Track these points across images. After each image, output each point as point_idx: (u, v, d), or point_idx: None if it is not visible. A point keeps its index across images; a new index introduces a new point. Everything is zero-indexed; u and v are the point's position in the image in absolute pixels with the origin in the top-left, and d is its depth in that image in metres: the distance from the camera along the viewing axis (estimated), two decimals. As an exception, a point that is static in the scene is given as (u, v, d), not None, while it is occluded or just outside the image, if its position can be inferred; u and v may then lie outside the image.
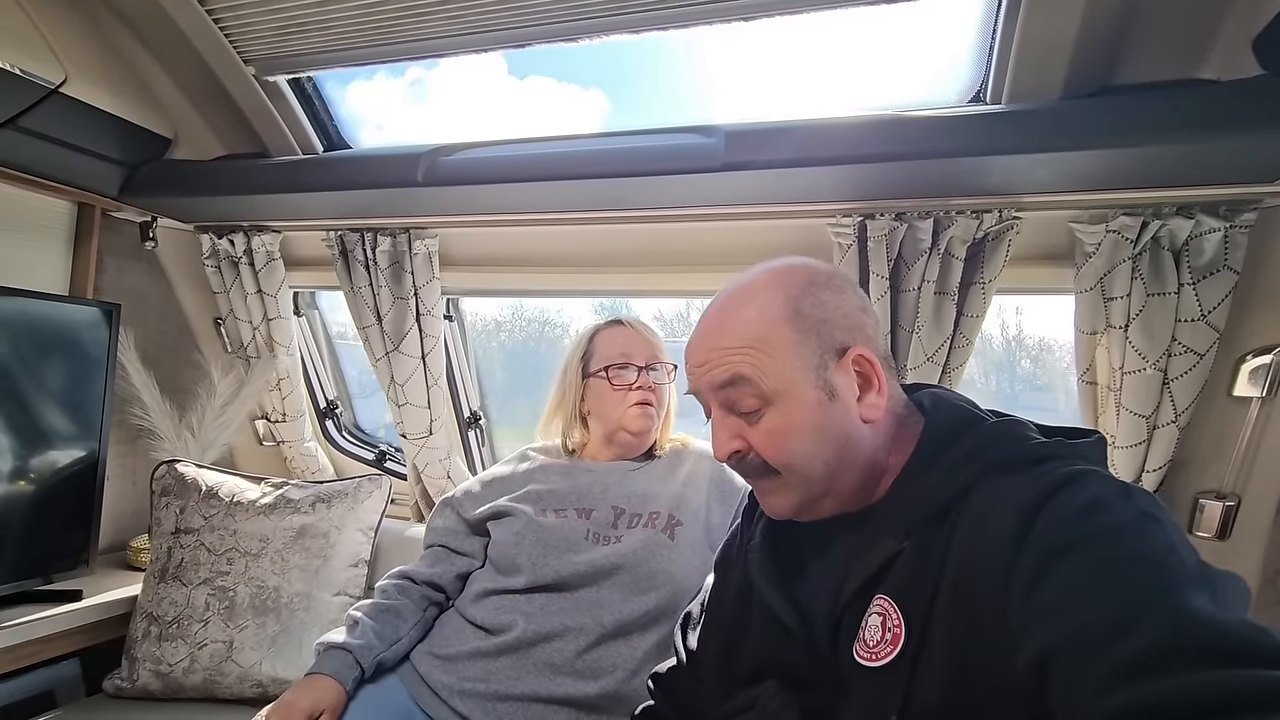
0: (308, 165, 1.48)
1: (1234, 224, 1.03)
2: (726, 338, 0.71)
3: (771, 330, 0.70)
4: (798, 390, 0.69)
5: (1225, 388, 1.11)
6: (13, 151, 1.39)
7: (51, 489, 1.46)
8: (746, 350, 0.70)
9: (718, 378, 0.71)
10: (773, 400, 0.69)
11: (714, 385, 0.72)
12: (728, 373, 0.70)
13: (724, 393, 0.71)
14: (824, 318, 0.70)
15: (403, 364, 1.61)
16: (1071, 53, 0.96)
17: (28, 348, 1.42)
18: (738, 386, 0.70)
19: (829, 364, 0.69)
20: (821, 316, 0.70)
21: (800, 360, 0.69)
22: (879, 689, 0.61)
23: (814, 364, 0.69)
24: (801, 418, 0.68)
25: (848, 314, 0.72)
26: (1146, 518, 0.54)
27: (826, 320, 0.70)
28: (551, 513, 1.20)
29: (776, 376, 0.69)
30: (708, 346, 0.73)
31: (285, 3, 1.21)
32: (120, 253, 1.75)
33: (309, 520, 1.48)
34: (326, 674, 1.06)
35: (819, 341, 0.70)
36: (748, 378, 0.69)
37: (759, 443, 0.70)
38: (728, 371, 0.70)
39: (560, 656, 1.05)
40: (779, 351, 0.69)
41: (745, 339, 0.70)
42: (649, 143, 1.21)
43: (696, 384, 0.75)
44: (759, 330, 0.70)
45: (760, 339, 0.70)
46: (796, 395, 0.69)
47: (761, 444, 0.70)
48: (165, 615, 1.40)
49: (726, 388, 0.71)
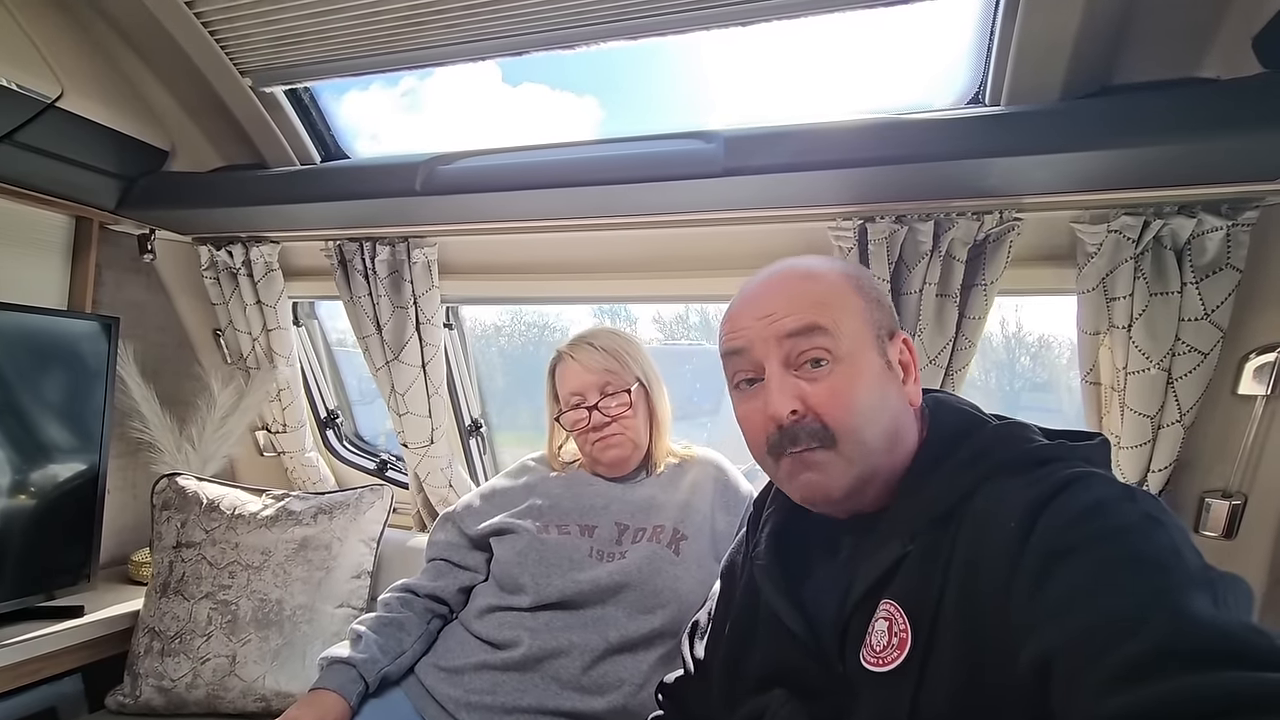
0: (305, 176, 1.48)
1: (1236, 222, 1.03)
2: (801, 291, 0.71)
3: (846, 294, 0.71)
4: (866, 352, 0.69)
5: (1230, 386, 1.10)
6: (9, 166, 1.39)
7: (52, 504, 1.45)
8: (822, 303, 0.69)
9: (788, 325, 0.69)
10: (842, 358, 0.68)
11: (782, 333, 0.69)
12: (802, 321, 0.68)
13: (793, 341, 0.69)
14: (878, 298, 0.74)
15: (403, 373, 1.60)
16: (1071, 53, 0.96)
17: (27, 362, 1.41)
18: (811, 336, 0.68)
19: (885, 339, 0.71)
20: (877, 296, 0.74)
21: (869, 326, 0.70)
22: (887, 694, 0.61)
23: (876, 333, 0.71)
24: (868, 380, 0.68)
25: (891, 305, 0.76)
26: (1150, 519, 0.54)
27: (880, 301, 0.74)
28: (554, 529, 1.19)
29: (850, 335, 0.69)
30: (778, 298, 0.71)
31: (281, 14, 1.21)
32: (118, 266, 1.74)
33: (311, 532, 1.47)
34: (330, 689, 1.05)
35: (881, 315, 0.72)
36: (824, 327, 0.68)
37: (822, 401, 0.67)
38: (802, 320, 0.68)
39: (566, 672, 1.04)
40: (851, 312, 0.70)
41: (821, 293, 0.70)
42: (648, 149, 1.21)
43: (757, 335, 0.70)
44: (834, 289, 0.71)
45: (836, 296, 0.70)
46: (863, 357, 0.69)
47: (825, 402, 0.67)
48: (167, 630, 1.39)
49: (797, 336, 0.68)
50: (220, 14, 1.24)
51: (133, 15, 1.28)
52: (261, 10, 1.21)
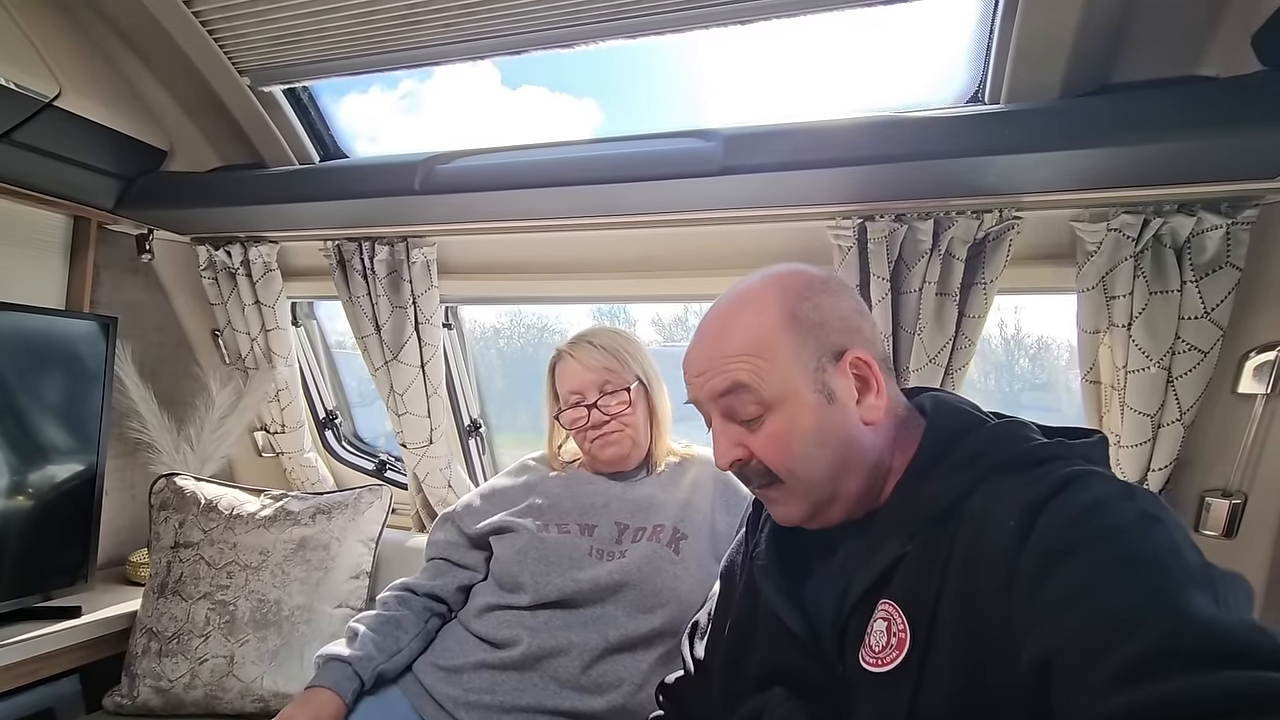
0: (304, 175, 1.48)
1: (1236, 220, 1.03)
2: (725, 346, 0.72)
3: (769, 336, 0.70)
4: (797, 395, 0.69)
5: (1230, 385, 1.10)
6: (7, 166, 1.38)
7: (50, 504, 1.45)
8: (745, 358, 0.70)
9: (717, 386, 0.71)
10: (773, 406, 0.69)
11: (714, 394, 0.72)
12: (727, 380, 0.70)
13: (724, 401, 0.72)
14: (820, 320, 0.71)
15: (402, 373, 1.60)
16: (1070, 51, 0.96)
17: (24, 362, 1.41)
18: (738, 394, 0.70)
19: (826, 367, 0.70)
20: (818, 320, 0.71)
21: (799, 364, 0.69)
22: (886, 694, 0.61)
23: (812, 367, 0.69)
24: (802, 422, 0.68)
25: (844, 317, 0.72)
26: (1149, 518, 0.54)
27: (823, 324, 0.71)
28: (554, 528, 1.18)
29: (776, 382, 0.69)
30: (707, 355, 0.73)
31: (279, 13, 1.21)
32: (117, 265, 1.74)
33: (309, 532, 1.47)
34: (325, 687, 1.05)
35: (816, 345, 0.70)
36: (747, 385, 0.69)
37: (761, 449, 0.71)
38: (727, 379, 0.70)
39: (566, 672, 1.04)
40: (777, 357, 0.69)
41: (743, 346, 0.70)
42: (647, 148, 1.21)
43: (696, 394, 0.75)
44: (757, 336, 0.70)
45: (758, 345, 0.70)
46: (796, 400, 0.69)
47: (763, 450, 0.70)
48: (165, 630, 1.38)
49: (727, 395, 0.71)
50: (218, 13, 1.24)
51: (131, 14, 1.28)
52: (259, 9, 1.21)
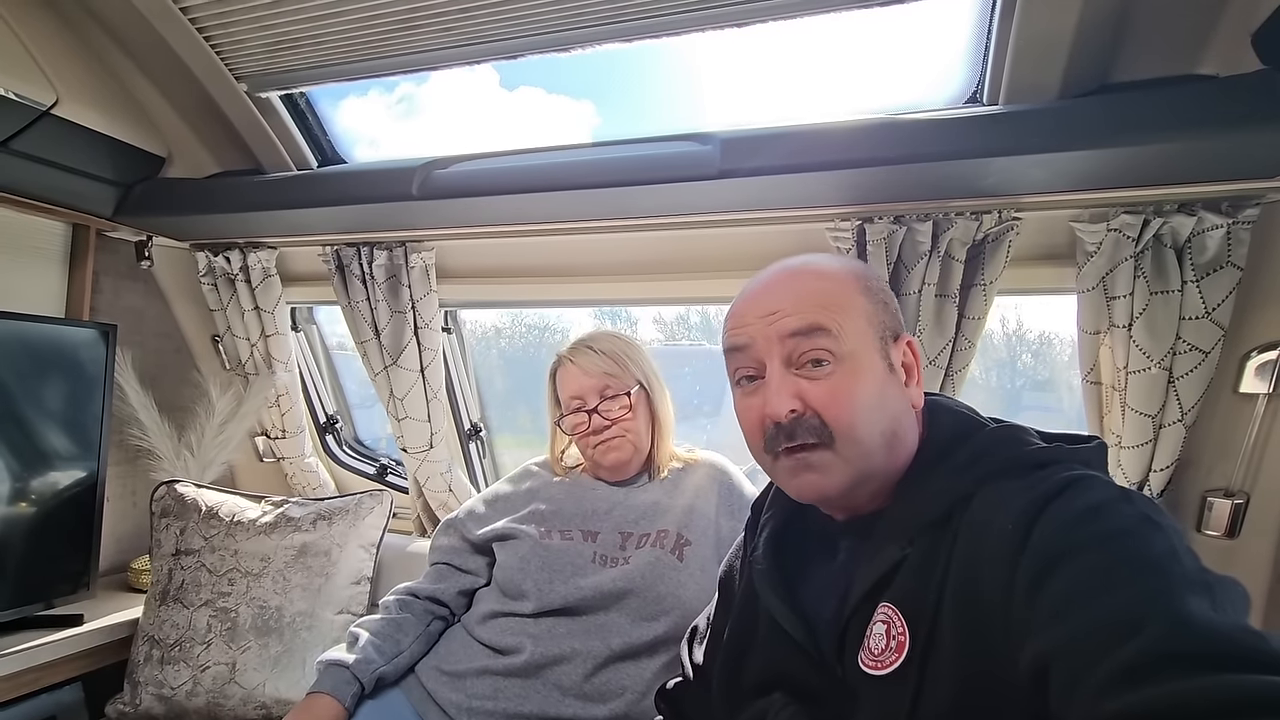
0: (302, 181, 1.48)
1: (1236, 220, 1.02)
2: (805, 289, 0.70)
3: (849, 295, 0.70)
4: (868, 354, 0.69)
5: (1231, 385, 1.10)
6: (6, 174, 1.38)
7: (51, 512, 1.45)
8: (825, 305, 0.69)
9: (791, 325, 0.68)
10: (844, 359, 0.68)
11: (784, 333, 0.69)
12: (804, 321, 0.68)
13: (794, 341, 0.68)
14: (885, 300, 0.73)
15: (401, 378, 1.60)
16: (1068, 51, 0.95)
17: (25, 370, 1.41)
18: (813, 336, 0.68)
19: (889, 340, 0.71)
20: (884, 299, 0.73)
21: (872, 329, 0.70)
22: (885, 697, 0.61)
23: (880, 335, 0.70)
24: (869, 382, 0.68)
25: (897, 306, 0.75)
26: (1147, 522, 0.54)
27: (887, 304, 0.73)
28: (557, 534, 1.18)
29: (852, 336, 0.68)
30: (781, 296, 0.71)
31: (275, 19, 1.21)
32: (116, 272, 1.74)
33: (310, 538, 1.47)
34: (325, 692, 1.05)
35: (884, 317, 0.71)
36: (826, 328, 0.68)
37: (822, 401, 0.67)
38: (805, 320, 0.68)
39: (569, 680, 1.04)
40: (855, 313, 0.69)
41: (825, 294, 0.70)
42: (644, 151, 1.20)
43: (757, 333, 0.70)
44: (838, 290, 0.70)
45: (839, 298, 0.70)
46: (866, 359, 0.68)
47: (825, 402, 0.67)
48: (167, 638, 1.38)
49: (798, 336, 0.68)
50: (215, 20, 1.24)
51: (127, 21, 1.28)
52: (256, 16, 1.21)
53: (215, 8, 1.21)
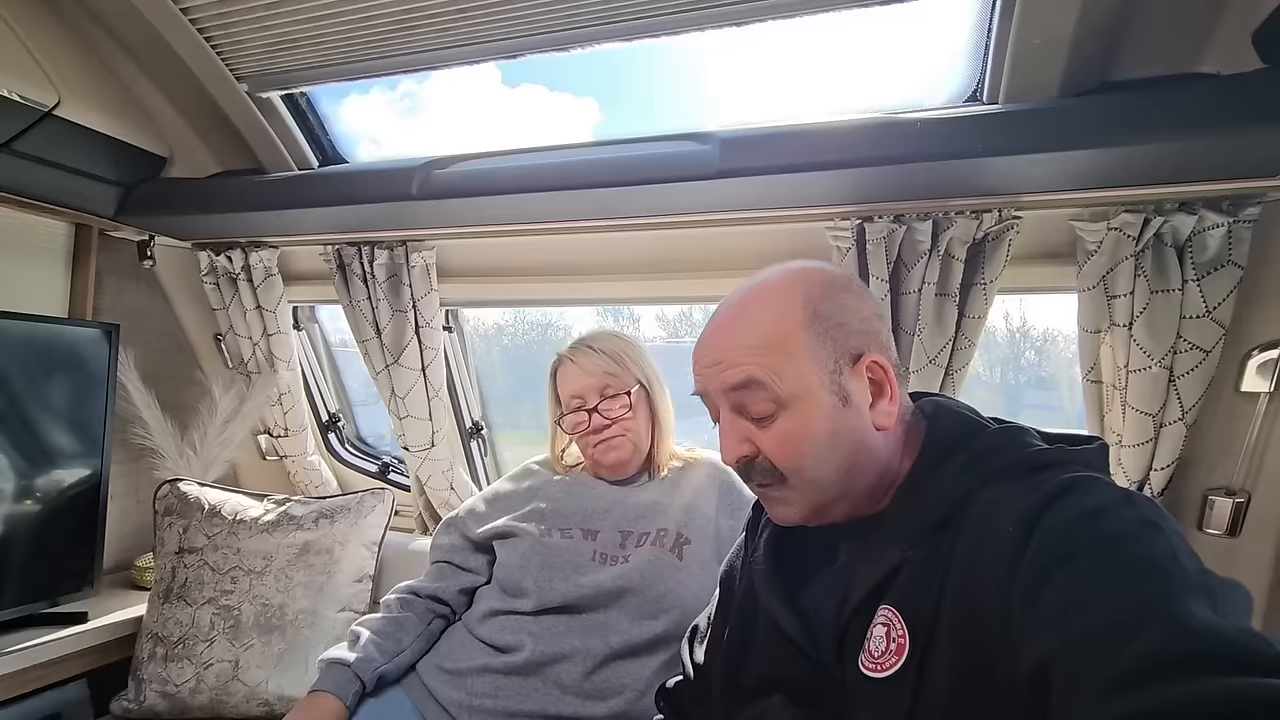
0: (303, 181, 1.48)
1: (1237, 219, 1.02)
2: (742, 337, 0.70)
3: (789, 333, 0.68)
4: (812, 395, 0.67)
5: (1232, 383, 1.10)
6: (8, 175, 1.39)
7: (55, 511, 1.46)
8: (762, 352, 0.68)
9: (730, 379, 0.69)
10: (786, 405, 0.67)
11: (725, 387, 0.70)
12: (741, 374, 0.68)
13: (735, 395, 0.69)
14: (841, 322, 0.69)
15: (403, 377, 1.60)
16: (1068, 50, 0.95)
17: (28, 370, 1.41)
18: (751, 390, 0.68)
19: (843, 369, 0.68)
20: (839, 320, 0.69)
21: (816, 365, 0.67)
22: (885, 700, 0.61)
23: (829, 369, 0.68)
24: (815, 423, 0.67)
25: (864, 319, 0.71)
26: (1148, 525, 0.53)
27: (843, 325, 0.69)
28: (557, 533, 1.19)
29: (791, 381, 0.67)
30: (721, 345, 0.71)
31: (276, 19, 1.21)
32: (118, 272, 1.74)
33: (312, 536, 1.47)
34: (326, 691, 1.06)
35: (835, 346, 0.68)
36: (762, 381, 0.67)
37: (770, 447, 0.69)
38: (741, 373, 0.68)
39: (569, 678, 1.04)
40: (795, 355, 0.67)
41: (761, 340, 0.68)
42: (644, 151, 1.20)
43: (707, 384, 0.72)
44: (776, 331, 0.68)
45: (777, 341, 0.68)
46: (810, 400, 0.67)
47: (772, 449, 0.69)
48: (171, 636, 1.39)
49: (739, 390, 0.69)
50: (215, 20, 1.24)
51: (128, 22, 1.28)
52: (256, 16, 1.21)
53: (216, 8, 1.21)
